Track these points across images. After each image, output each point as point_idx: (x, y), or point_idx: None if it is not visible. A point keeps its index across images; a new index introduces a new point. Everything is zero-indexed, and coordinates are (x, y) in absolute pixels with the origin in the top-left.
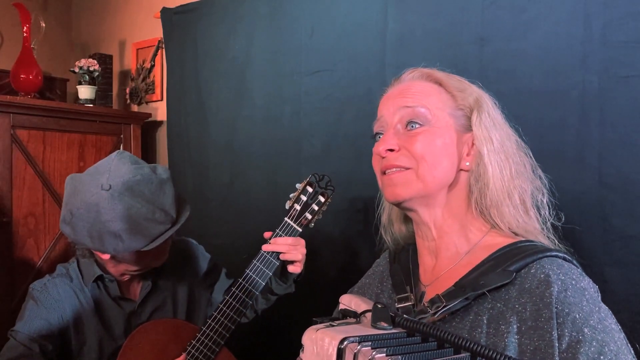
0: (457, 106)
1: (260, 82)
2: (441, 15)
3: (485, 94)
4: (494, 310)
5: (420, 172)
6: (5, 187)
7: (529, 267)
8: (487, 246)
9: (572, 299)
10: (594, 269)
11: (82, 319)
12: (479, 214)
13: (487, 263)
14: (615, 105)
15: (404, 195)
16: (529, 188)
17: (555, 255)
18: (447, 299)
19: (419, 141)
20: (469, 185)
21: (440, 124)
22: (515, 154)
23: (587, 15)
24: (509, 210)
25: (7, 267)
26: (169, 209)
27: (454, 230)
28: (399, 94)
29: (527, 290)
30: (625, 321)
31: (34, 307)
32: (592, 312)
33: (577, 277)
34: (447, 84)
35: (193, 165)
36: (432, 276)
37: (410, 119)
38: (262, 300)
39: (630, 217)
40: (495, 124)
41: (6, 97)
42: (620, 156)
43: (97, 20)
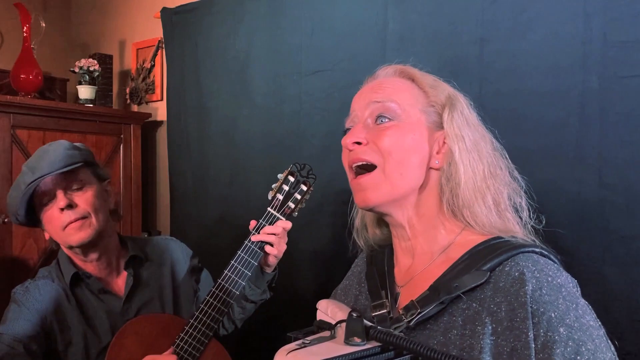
0: (429, 102)
1: (260, 82)
2: (441, 15)
3: (460, 94)
4: (470, 311)
5: (387, 169)
6: (5, 187)
7: (504, 265)
8: (462, 244)
9: (547, 297)
10: (594, 269)
11: (66, 318)
12: (452, 214)
13: (462, 262)
14: (615, 105)
15: (374, 201)
16: (505, 190)
17: (532, 251)
18: (422, 304)
19: (387, 136)
20: (440, 185)
21: (410, 120)
22: (489, 155)
23: (587, 15)
24: (482, 211)
25: (7, 267)
26: (35, 167)
27: (428, 229)
28: (370, 89)
29: (502, 289)
30: (624, 321)
31: (16, 309)
32: (568, 310)
33: (554, 273)
34: (420, 80)
35: (193, 165)
36: (407, 276)
37: (380, 113)
38: (238, 308)
39: (630, 217)
40: (469, 123)
41: (6, 97)
42: (620, 156)
43: (97, 20)
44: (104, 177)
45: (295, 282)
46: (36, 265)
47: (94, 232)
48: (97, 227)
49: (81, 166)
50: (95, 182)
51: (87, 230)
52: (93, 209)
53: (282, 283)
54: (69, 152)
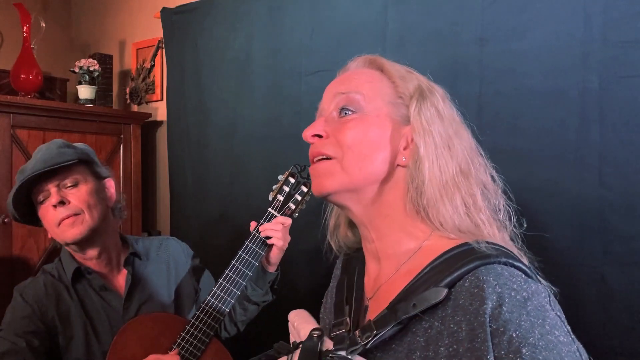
0: (397, 94)
1: (260, 82)
2: (441, 15)
3: (437, 87)
4: (432, 331)
5: (345, 163)
6: (5, 187)
7: (464, 280)
8: (428, 251)
9: (507, 315)
10: (594, 269)
11: (69, 314)
12: (419, 215)
13: (423, 276)
14: (615, 105)
15: (328, 188)
16: (479, 191)
17: (496, 262)
18: (379, 325)
19: (349, 129)
20: (406, 182)
21: (375, 112)
22: (463, 153)
23: (587, 15)
24: (447, 211)
25: (7, 267)
26: (26, 167)
27: (393, 231)
28: (339, 81)
29: (461, 307)
30: (624, 321)
31: (18, 305)
32: (532, 327)
33: (519, 286)
34: (389, 70)
35: (193, 165)
36: (375, 286)
37: (344, 105)
38: (240, 310)
39: (630, 217)
40: (441, 117)
41: (6, 97)
42: (620, 156)
43: (97, 20)
44: (102, 175)
45: (295, 282)
46: (36, 265)
47: (88, 228)
48: (90, 224)
49: (75, 163)
50: (92, 179)
51: (80, 227)
52: (86, 206)
53: (282, 282)
54: (61, 150)
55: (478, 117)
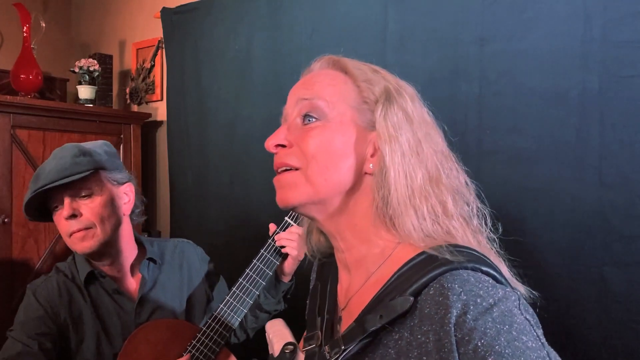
0: (362, 98)
1: (260, 82)
2: (441, 15)
3: (405, 87)
4: (402, 342)
5: (310, 174)
6: (5, 187)
7: (428, 288)
8: (396, 260)
9: (472, 323)
10: (594, 269)
11: (81, 315)
12: (386, 224)
13: (390, 285)
14: (615, 105)
15: (292, 201)
16: (450, 197)
17: (462, 267)
18: (347, 340)
19: (312, 137)
20: (373, 191)
21: (338, 119)
22: (433, 157)
23: (587, 15)
24: (414, 221)
25: (7, 267)
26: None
27: (361, 241)
28: (301, 85)
29: (427, 316)
30: (625, 321)
31: (31, 306)
32: (498, 334)
33: (485, 292)
34: (353, 72)
35: (193, 165)
36: (347, 296)
37: (307, 111)
38: (251, 317)
39: (630, 217)
40: (410, 120)
41: (6, 97)
42: (620, 156)
43: (97, 20)
44: (121, 181)
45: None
46: (36, 265)
47: (98, 243)
48: (101, 238)
49: (92, 172)
50: (109, 187)
51: (90, 242)
52: (99, 219)
53: None
54: (76, 160)
55: (478, 117)
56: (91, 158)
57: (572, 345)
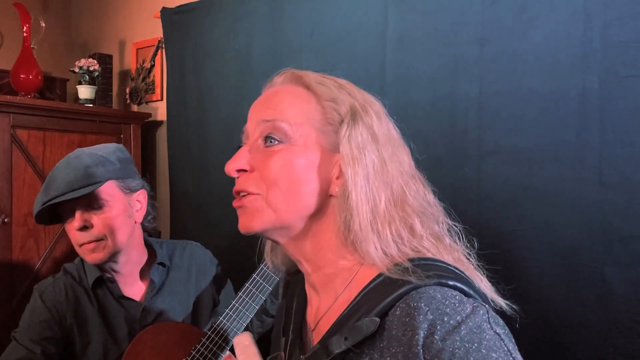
0: (326, 119)
1: (261, 82)
2: (441, 15)
3: (373, 103)
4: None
5: (270, 198)
6: (5, 187)
7: (395, 308)
8: (361, 279)
9: (440, 344)
10: (594, 269)
11: (87, 319)
12: (349, 247)
13: (354, 306)
14: (615, 105)
15: (255, 227)
16: (416, 218)
17: (428, 284)
18: None
19: (274, 161)
20: (335, 213)
21: (302, 142)
22: (397, 178)
23: (587, 15)
24: (376, 247)
25: (7, 267)
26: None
27: (327, 263)
28: (262, 102)
29: (395, 337)
30: (625, 321)
31: (37, 308)
32: (467, 353)
33: (452, 310)
34: (317, 90)
35: (193, 165)
36: (317, 317)
37: (269, 133)
38: (257, 322)
39: (630, 217)
40: (376, 140)
41: (6, 97)
42: (620, 156)
43: (97, 20)
44: (134, 188)
45: None
46: (36, 265)
47: (109, 254)
48: (112, 249)
49: (105, 183)
50: (121, 197)
51: (101, 253)
52: (110, 231)
53: None
54: (89, 171)
55: (478, 117)
56: (104, 169)
57: (572, 346)
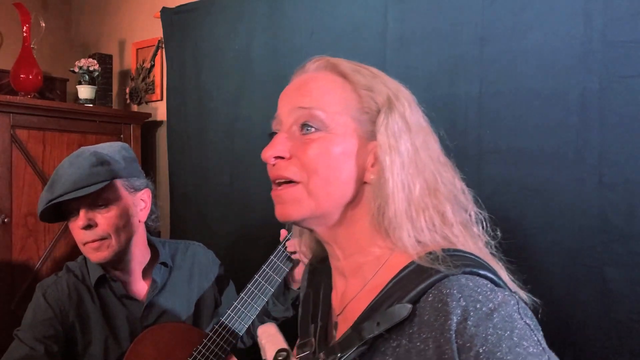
0: (362, 108)
1: (260, 82)
2: (441, 15)
3: (404, 91)
4: (400, 349)
5: (311, 187)
6: (5, 187)
7: (427, 295)
8: (392, 267)
9: (473, 330)
10: (594, 269)
11: (89, 318)
12: (382, 233)
13: (386, 292)
14: (615, 105)
15: (294, 216)
16: (449, 206)
17: (461, 272)
18: (343, 347)
19: (312, 149)
20: (370, 200)
21: (339, 130)
22: (431, 166)
23: (587, 15)
24: (409, 233)
25: (7, 267)
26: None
27: (358, 249)
28: (296, 89)
29: (427, 323)
30: (625, 321)
31: (39, 307)
32: (500, 340)
33: (484, 297)
34: (353, 79)
35: (193, 165)
36: (343, 302)
37: (305, 121)
38: (259, 324)
39: (630, 217)
40: (410, 129)
41: (6, 97)
42: (620, 156)
43: (97, 20)
44: (138, 187)
45: None
46: (36, 265)
47: (113, 253)
48: (116, 248)
49: (109, 182)
50: (126, 196)
51: (105, 252)
52: (114, 230)
53: None
54: (93, 170)
55: (478, 117)
56: (109, 167)
57: (573, 346)
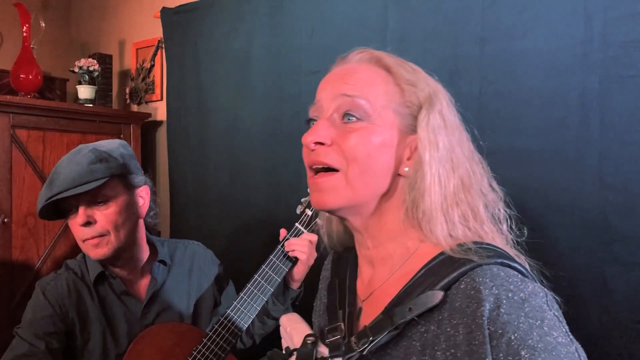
0: (405, 102)
1: (260, 82)
2: (441, 15)
3: (441, 89)
4: (429, 335)
5: (350, 176)
6: (5, 187)
7: (459, 282)
8: (423, 255)
9: (506, 317)
10: (594, 269)
11: (88, 315)
12: (414, 224)
13: (417, 279)
14: (615, 105)
15: (330, 205)
16: (481, 203)
17: (493, 262)
18: (374, 331)
19: (354, 138)
20: (404, 192)
21: (381, 121)
22: (464, 163)
23: (587, 15)
24: (442, 227)
25: (7, 267)
26: (54, 180)
27: (389, 239)
28: (340, 77)
29: (458, 309)
30: (625, 321)
31: (39, 304)
32: (531, 328)
33: (516, 287)
34: (397, 73)
35: (193, 165)
36: (369, 289)
37: (348, 110)
38: (259, 323)
39: (630, 217)
40: (447, 126)
41: (6, 97)
42: (620, 156)
43: (97, 20)
44: (137, 184)
45: None
46: (36, 265)
47: (112, 250)
48: (115, 245)
49: (108, 179)
50: (124, 193)
51: (104, 249)
52: (113, 226)
53: None
54: (92, 167)
55: (478, 117)
56: (107, 164)
57: None
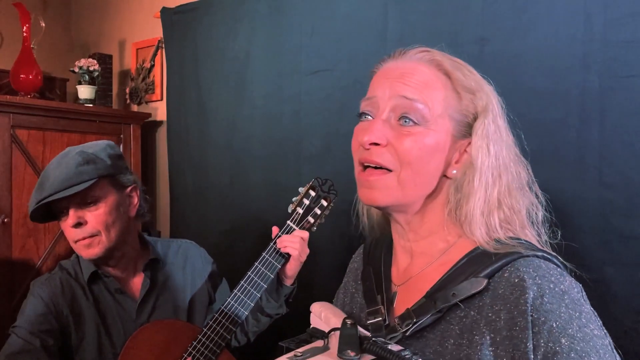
0: (461, 110)
1: (260, 82)
2: (441, 15)
3: (494, 94)
4: (467, 319)
5: (402, 177)
6: (5, 187)
7: (503, 271)
8: (462, 247)
9: (548, 306)
10: (594, 269)
11: (82, 313)
12: (455, 222)
13: (460, 267)
14: (615, 105)
15: (380, 202)
16: (524, 208)
17: (533, 255)
18: (417, 313)
19: (409, 142)
20: (448, 193)
21: (436, 127)
22: (510, 168)
23: (587, 15)
24: (482, 230)
25: (7, 267)
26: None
27: (431, 234)
28: (399, 76)
29: (501, 296)
30: (625, 321)
31: (34, 303)
32: (571, 319)
33: (557, 279)
34: (457, 80)
35: (193, 165)
36: (405, 276)
37: (406, 112)
38: (252, 320)
39: (630, 217)
40: (498, 132)
41: (6, 97)
42: (620, 156)
43: (97, 20)
44: (126, 184)
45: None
46: (36, 265)
47: (104, 249)
48: (107, 244)
49: (96, 180)
50: (114, 193)
51: (96, 249)
52: (104, 227)
53: None
54: (80, 169)
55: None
56: (95, 166)
57: None
